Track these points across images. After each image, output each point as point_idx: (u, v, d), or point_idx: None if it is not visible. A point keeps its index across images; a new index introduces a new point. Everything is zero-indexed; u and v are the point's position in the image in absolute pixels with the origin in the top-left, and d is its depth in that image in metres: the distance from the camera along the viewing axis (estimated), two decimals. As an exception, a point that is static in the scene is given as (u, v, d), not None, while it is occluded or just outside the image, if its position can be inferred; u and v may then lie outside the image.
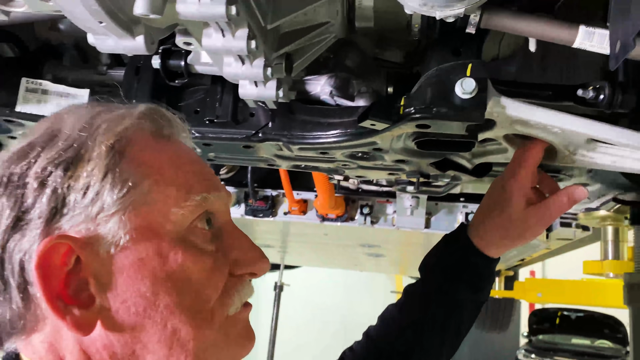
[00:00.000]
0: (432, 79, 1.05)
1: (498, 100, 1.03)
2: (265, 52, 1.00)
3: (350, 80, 1.37)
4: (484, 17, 1.03)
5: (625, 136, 0.97)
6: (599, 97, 1.12)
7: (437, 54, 1.17)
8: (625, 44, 0.79)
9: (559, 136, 1.07)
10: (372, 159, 1.34)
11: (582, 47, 1.02)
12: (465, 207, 2.16)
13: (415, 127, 1.07)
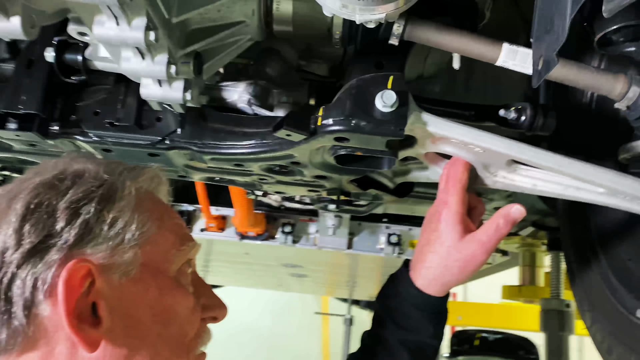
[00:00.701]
0: (352, 90, 0.98)
1: (419, 115, 0.98)
2: (169, 47, 0.90)
3: (271, 90, 1.29)
4: (408, 28, 0.98)
5: (546, 158, 0.94)
6: (521, 118, 1.10)
7: (359, 66, 1.11)
8: (548, 60, 0.76)
9: (480, 156, 1.03)
10: (290, 174, 1.26)
11: (505, 65, 0.99)
12: (388, 227, 2.12)
13: (334, 140, 1.00)
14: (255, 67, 1.30)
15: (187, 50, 0.95)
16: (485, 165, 1.06)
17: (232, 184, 1.46)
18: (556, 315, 2.18)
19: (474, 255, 1.03)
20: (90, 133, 1.14)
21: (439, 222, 1.06)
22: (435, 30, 1.00)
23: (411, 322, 1.10)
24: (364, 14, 0.84)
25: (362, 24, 0.98)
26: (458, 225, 1.03)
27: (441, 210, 1.06)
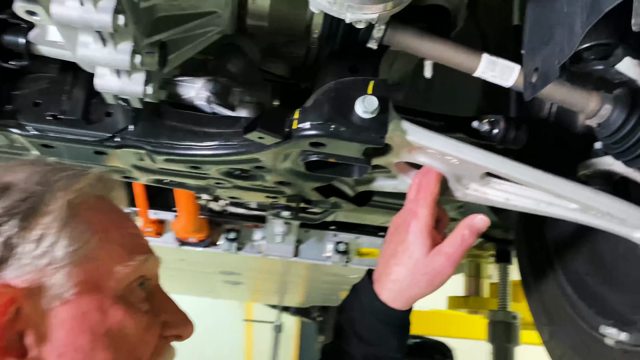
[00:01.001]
0: (331, 93, 0.93)
1: (398, 123, 0.94)
2: (135, 34, 0.80)
3: (232, 88, 1.20)
4: (388, 32, 0.94)
5: (526, 173, 0.93)
6: (493, 131, 1.08)
7: (333, 68, 1.06)
8: (546, 73, 0.74)
9: (454, 168, 1.01)
10: (251, 179, 1.18)
11: (483, 76, 0.97)
12: (335, 235, 2.08)
13: (309, 145, 0.94)
14: (215, 63, 1.22)
15: (153, 39, 0.86)
16: (457, 177, 1.04)
17: (183, 187, 1.36)
18: (503, 327, 2.23)
19: (442, 268, 1.00)
20: (29, 126, 1.02)
21: (407, 234, 1.02)
22: (415, 37, 0.97)
23: (375, 336, 1.06)
24: (355, 13, 0.78)
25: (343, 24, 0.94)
26: (427, 239, 1.01)
27: (410, 222, 1.02)
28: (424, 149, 0.98)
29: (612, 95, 0.97)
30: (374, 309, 1.05)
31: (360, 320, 1.06)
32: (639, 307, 1.10)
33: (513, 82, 0.95)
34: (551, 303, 1.23)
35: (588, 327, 1.08)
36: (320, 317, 5.23)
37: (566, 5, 0.71)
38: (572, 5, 0.69)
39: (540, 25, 0.78)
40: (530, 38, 0.81)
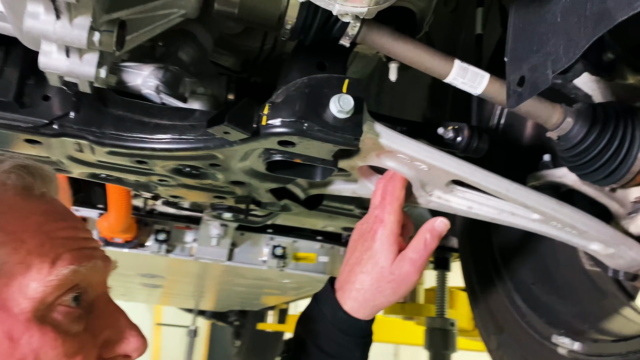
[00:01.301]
0: (304, 89, 0.87)
1: (372, 125, 0.91)
2: (95, 8, 0.70)
3: (183, 78, 1.12)
4: (363, 30, 0.90)
5: (495, 182, 0.92)
6: (457, 139, 1.07)
7: (300, 64, 1.00)
8: (536, 81, 0.73)
9: (422, 174, 0.99)
10: (201, 177, 1.10)
11: (454, 82, 0.96)
12: (272, 239, 2.01)
13: (277, 144, 0.88)
14: (166, 50, 1.13)
15: (112, 16, 0.76)
16: (422, 184, 1.02)
17: (119, 182, 1.24)
18: (441, 334, 2.26)
19: (408, 275, 0.98)
20: (-52, 107, 0.88)
21: (374, 241, 0.99)
22: (390, 37, 0.94)
23: (337, 347, 1.02)
24: (344, 5, 0.73)
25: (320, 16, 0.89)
26: (394, 246, 0.98)
27: (376, 229, 0.99)
28: (394, 153, 0.95)
29: (574, 109, 0.99)
30: (337, 320, 1.00)
31: (321, 331, 1.02)
32: (586, 317, 1.13)
33: (482, 90, 0.94)
34: (499, 312, 1.25)
35: (539, 337, 1.10)
36: (237, 321, 5.13)
37: (560, 15, 0.70)
38: (567, 15, 0.68)
39: (527, 34, 0.77)
40: (514, 46, 0.80)
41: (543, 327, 1.11)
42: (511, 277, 1.25)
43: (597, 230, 0.96)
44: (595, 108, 0.99)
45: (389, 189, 1.00)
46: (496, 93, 0.94)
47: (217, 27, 1.22)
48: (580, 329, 1.08)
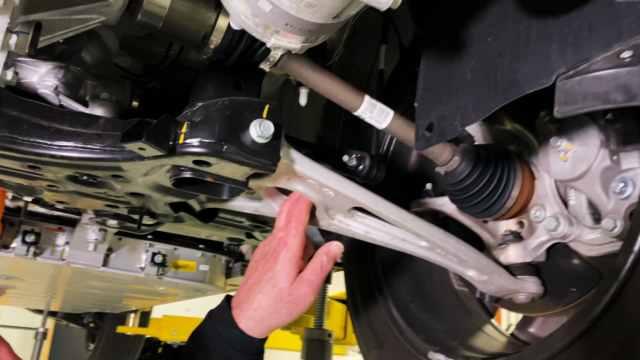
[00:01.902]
0: (225, 110, 0.87)
1: (288, 151, 0.93)
2: (14, 9, 0.65)
3: (85, 80, 1.06)
4: (284, 57, 0.92)
5: (394, 212, 0.99)
6: (359, 166, 1.14)
7: (216, 82, 1.01)
8: (444, 131, 0.81)
9: (327, 199, 1.03)
10: (98, 186, 1.04)
11: (362, 116, 1.02)
12: (151, 245, 1.93)
13: (192, 163, 0.87)
14: (67, 49, 1.06)
15: (30, 17, 0.70)
16: (326, 208, 1.07)
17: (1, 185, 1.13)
18: (318, 345, 2.31)
19: (305, 296, 1.01)
20: None
21: (276, 263, 1.01)
22: (308, 67, 0.97)
23: None
24: (280, 40, 0.76)
25: (246, 41, 0.90)
26: (295, 269, 1.01)
27: (280, 251, 1.02)
28: (304, 179, 0.98)
29: (461, 149, 1.10)
30: (231, 337, 1.01)
31: (214, 348, 1.01)
32: (456, 334, 1.26)
33: (386, 125, 1.01)
34: (380, 327, 1.34)
35: (417, 353, 1.20)
36: (92, 323, 4.81)
37: (470, 74, 0.78)
38: (478, 75, 0.76)
39: (437, 86, 0.85)
40: (424, 94, 0.88)
41: (420, 344, 1.21)
42: (391, 294, 1.35)
43: (475, 259, 1.08)
44: (479, 149, 1.12)
45: (295, 213, 1.03)
46: (397, 129, 1.02)
47: (122, 29, 1.17)
48: (452, 345, 1.20)
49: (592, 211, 1.05)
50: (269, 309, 1.00)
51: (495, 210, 1.12)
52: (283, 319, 1.02)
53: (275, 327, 1.04)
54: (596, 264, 1.05)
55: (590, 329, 0.86)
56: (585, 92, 0.60)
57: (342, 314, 2.93)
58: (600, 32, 0.61)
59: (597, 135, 0.97)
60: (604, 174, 0.96)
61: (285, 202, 1.07)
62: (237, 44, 0.89)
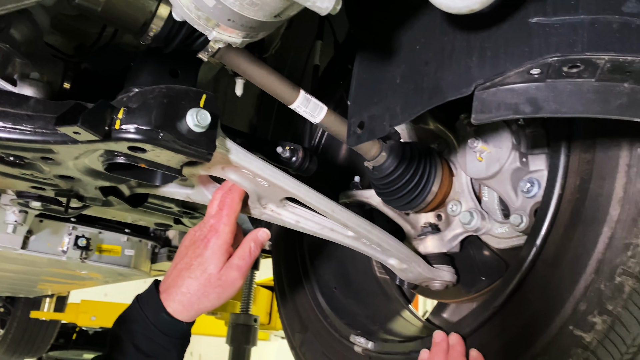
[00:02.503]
0: (162, 98, 0.88)
1: (224, 141, 0.96)
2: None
3: (13, 58, 1.03)
4: (223, 49, 0.95)
5: (324, 203, 1.04)
6: (292, 158, 1.18)
7: (153, 68, 1.01)
8: (374, 130, 0.86)
9: (260, 188, 1.07)
10: (25, 167, 1.02)
11: (297, 110, 1.06)
12: (75, 228, 1.88)
13: (127, 149, 0.88)
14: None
15: (-39, -9, 0.69)
16: (259, 197, 1.10)
17: None
18: (244, 330, 2.33)
19: (233, 281, 1.04)
20: None
21: (206, 249, 1.03)
22: (246, 59, 1.00)
23: (155, 347, 1.03)
24: (221, 34, 0.78)
25: (185, 31, 0.91)
26: (224, 255, 1.04)
27: (210, 238, 1.04)
28: (239, 168, 1.01)
29: (389, 145, 1.17)
30: (158, 321, 1.02)
31: (141, 331, 1.02)
32: (377, 319, 1.34)
33: (320, 120, 1.06)
34: (305, 312, 1.39)
35: (339, 336, 1.27)
36: (2, 308, 4.57)
37: (399, 78, 0.84)
38: (406, 80, 0.82)
39: (370, 86, 0.90)
40: (357, 94, 0.93)
41: (342, 327, 1.28)
42: (317, 281, 1.41)
43: (396, 249, 1.15)
44: (404, 147, 1.19)
45: (227, 201, 1.06)
46: (331, 124, 1.06)
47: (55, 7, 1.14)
48: (372, 329, 1.27)
49: (502, 207, 1.15)
50: (198, 294, 1.02)
51: (416, 204, 1.20)
52: (212, 303, 1.04)
53: (204, 311, 1.06)
54: (504, 255, 1.16)
55: (496, 314, 0.95)
56: (499, 102, 0.67)
57: (268, 300, 2.98)
58: (514, 49, 0.68)
59: (509, 138, 1.06)
60: (514, 175, 1.06)
61: (218, 190, 1.09)
62: (177, 33, 0.90)
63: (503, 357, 0.91)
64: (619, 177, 0.82)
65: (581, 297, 0.83)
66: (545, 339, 0.85)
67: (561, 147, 0.92)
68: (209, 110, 0.90)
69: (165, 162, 0.93)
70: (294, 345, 1.40)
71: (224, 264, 1.03)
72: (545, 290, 0.88)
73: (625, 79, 0.64)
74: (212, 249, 1.02)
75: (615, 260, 0.81)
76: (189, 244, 1.07)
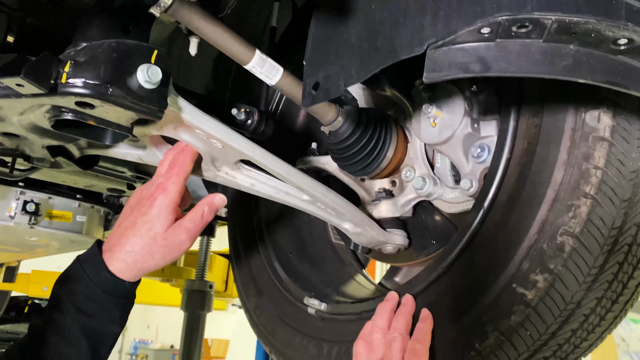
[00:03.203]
0: (111, 53, 0.85)
1: (176, 99, 0.94)
2: None
3: (-49, 7, 0.98)
4: (176, 4, 0.92)
5: (279, 166, 1.04)
6: (248, 121, 1.17)
7: (102, 23, 0.98)
8: (329, 89, 0.86)
9: (214, 150, 1.05)
10: (-35, 124, 0.97)
11: (253, 70, 1.05)
12: (23, 193, 1.81)
13: (75, 104, 0.85)
14: None
15: None
16: (213, 159, 1.09)
17: None
18: (199, 296, 2.32)
19: (180, 242, 1.03)
20: None
21: (152, 207, 1.02)
22: (200, 16, 0.97)
23: (97, 307, 1.01)
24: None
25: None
26: (171, 214, 1.02)
27: (157, 196, 1.02)
28: (192, 128, 0.99)
29: (345, 110, 1.17)
30: (101, 280, 1.00)
31: (82, 291, 1.00)
32: (331, 282, 1.36)
33: (276, 81, 1.05)
34: (260, 277, 1.40)
35: (293, 299, 1.28)
36: None
37: (354, 38, 0.84)
38: (361, 40, 0.82)
39: (325, 46, 0.90)
40: (312, 54, 0.92)
41: (297, 291, 1.29)
42: (273, 246, 1.41)
43: (351, 213, 1.16)
44: (361, 112, 1.19)
45: (179, 161, 1.04)
46: (287, 86, 1.05)
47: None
48: (326, 292, 1.29)
49: (453, 173, 1.18)
50: (143, 252, 1.01)
51: (371, 170, 1.21)
52: (156, 262, 1.03)
53: (148, 270, 1.04)
54: (454, 220, 1.19)
55: (444, 274, 0.98)
56: (450, 62, 0.68)
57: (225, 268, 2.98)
58: (467, 9, 0.68)
59: (462, 105, 1.08)
60: (465, 140, 1.08)
61: (170, 150, 1.07)
62: (125, -15, 0.87)
63: (451, 315, 0.94)
64: (564, 141, 0.85)
65: (525, 256, 0.86)
66: (491, 297, 0.88)
67: (511, 112, 0.94)
68: (161, 66, 0.88)
69: (115, 120, 0.91)
70: (248, 309, 1.40)
71: (171, 223, 1.02)
72: (491, 251, 0.91)
73: (571, 40, 0.66)
74: (159, 207, 1.01)
75: (557, 221, 0.84)
76: (134, 202, 1.05)
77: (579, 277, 0.84)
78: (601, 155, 0.83)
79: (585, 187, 0.83)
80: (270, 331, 1.31)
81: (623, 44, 0.66)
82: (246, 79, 1.64)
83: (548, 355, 0.92)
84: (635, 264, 0.90)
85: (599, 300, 0.88)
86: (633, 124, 0.85)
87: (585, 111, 0.84)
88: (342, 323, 1.10)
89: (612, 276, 0.87)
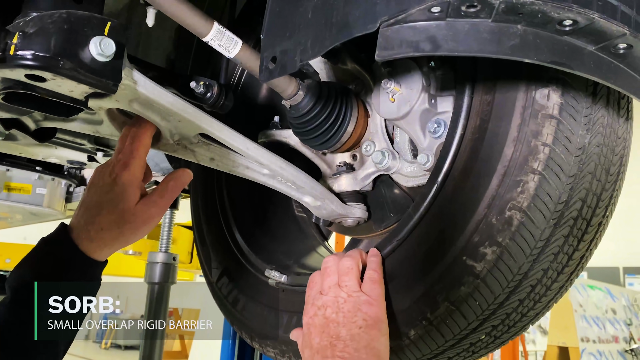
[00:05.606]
0: (62, 24, 0.83)
1: (131, 72, 0.92)
2: None
3: None
4: (131, -28, 0.90)
5: (238, 140, 1.04)
6: (207, 94, 1.16)
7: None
8: (285, 65, 0.86)
9: (173, 125, 1.05)
10: None
11: (211, 43, 1.04)
12: (-19, 167, 1.77)
13: (24, 77, 0.83)
14: None
15: None
16: (172, 134, 1.08)
17: None
18: (163, 268, 2.32)
19: (150, 217, 1.04)
20: None
21: (116, 184, 1.01)
22: (156, -13, 0.95)
23: None
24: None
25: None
26: (137, 190, 1.03)
27: (120, 173, 1.02)
28: (148, 102, 0.98)
29: (306, 84, 1.17)
30: (70, 260, 1.00)
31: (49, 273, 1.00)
32: (292, 254, 1.38)
33: (235, 54, 1.04)
34: (222, 249, 1.41)
35: (255, 271, 1.30)
36: None
37: (311, 12, 0.84)
38: (317, 15, 0.82)
39: (282, 20, 0.89)
40: (270, 27, 0.91)
41: (258, 263, 1.31)
42: (235, 219, 1.42)
43: (310, 186, 1.18)
44: (322, 86, 1.19)
45: (138, 136, 1.03)
46: (246, 60, 1.05)
47: None
48: (287, 264, 1.31)
49: (412, 148, 1.20)
50: (113, 230, 1.01)
51: (332, 143, 1.22)
52: (127, 239, 1.03)
53: (119, 247, 1.05)
54: (412, 193, 1.21)
55: (398, 247, 1.00)
56: (402, 40, 0.69)
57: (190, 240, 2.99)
58: (419, -13, 0.69)
59: (420, 80, 1.09)
60: (422, 115, 1.10)
61: (129, 125, 1.06)
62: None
63: (404, 284, 0.97)
64: (514, 118, 0.87)
65: (474, 229, 0.89)
66: (441, 268, 0.91)
67: (465, 89, 0.95)
68: (114, 39, 0.87)
69: (67, 93, 0.89)
70: (210, 281, 1.42)
71: (136, 198, 1.02)
72: (443, 224, 0.93)
73: (518, 20, 0.67)
74: (123, 184, 1.00)
75: (506, 196, 0.87)
76: (97, 181, 1.04)
77: (525, 249, 0.88)
78: (549, 133, 0.85)
79: (534, 163, 0.85)
80: (232, 302, 1.33)
81: (568, 24, 0.68)
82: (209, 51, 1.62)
83: (497, 324, 0.96)
84: (580, 236, 0.94)
85: (545, 271, 0.92)
86: (580, 102, 0.87)
87: (536, 89, 0.86)
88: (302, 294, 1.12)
89: (558, 248, 0.91)
